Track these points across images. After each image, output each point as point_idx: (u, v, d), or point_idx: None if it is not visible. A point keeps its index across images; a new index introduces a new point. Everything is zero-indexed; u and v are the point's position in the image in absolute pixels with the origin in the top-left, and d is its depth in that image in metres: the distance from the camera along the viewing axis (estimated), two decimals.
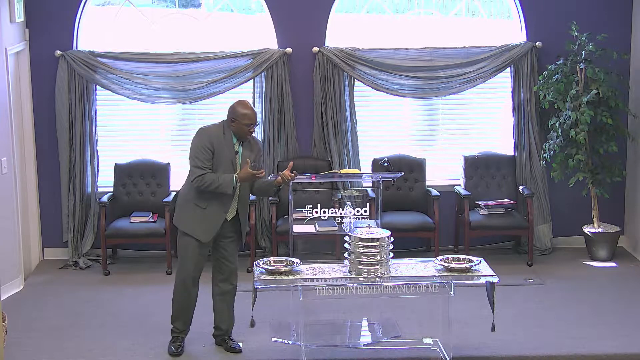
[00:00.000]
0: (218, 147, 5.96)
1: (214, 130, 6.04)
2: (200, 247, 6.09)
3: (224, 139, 5.99)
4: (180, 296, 6.20)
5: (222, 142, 5.98)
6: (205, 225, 6.03)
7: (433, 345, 6.22)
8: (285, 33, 8.23)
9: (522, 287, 7.56)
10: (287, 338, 6.33)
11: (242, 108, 6.00)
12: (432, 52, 8.31)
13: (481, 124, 8.64)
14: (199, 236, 6.04)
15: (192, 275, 6.14)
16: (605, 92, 7.87)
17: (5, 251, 7.39)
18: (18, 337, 6.48)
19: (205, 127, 6.09)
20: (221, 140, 5.98)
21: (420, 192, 8.34)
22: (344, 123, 8.27)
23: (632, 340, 6.39)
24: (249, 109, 6.00)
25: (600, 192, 8.12)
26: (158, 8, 8.66)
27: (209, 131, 6.03)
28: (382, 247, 5.80)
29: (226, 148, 5.98)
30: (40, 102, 8.18)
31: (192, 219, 6.07)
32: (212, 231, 6.04)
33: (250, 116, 5.97)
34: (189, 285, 6.15)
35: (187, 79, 8.20)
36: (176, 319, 6.25)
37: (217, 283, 6.25)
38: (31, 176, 8.21)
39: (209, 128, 6.06)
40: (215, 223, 6.03)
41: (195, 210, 6.04)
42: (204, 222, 6.03)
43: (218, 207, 6.00)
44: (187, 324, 6.29)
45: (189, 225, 6.09)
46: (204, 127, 6.08)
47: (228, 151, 5.98)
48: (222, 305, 6.26)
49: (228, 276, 6.22)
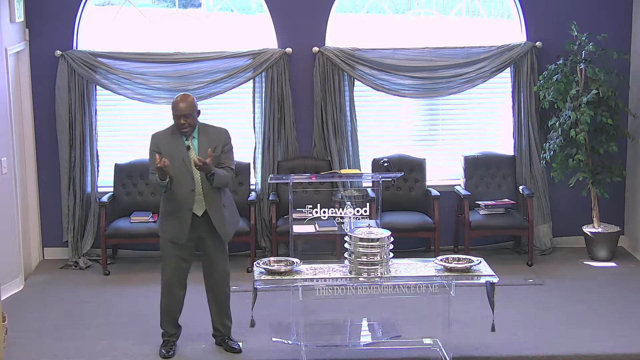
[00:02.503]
0: (165, 148, 5.92)
1: (161, 133, 6.04)
2: (178, 249, 6.05)
3: (172, 138, 5.95)
4: (164, 299, 6.20)
5: (169, 142, 5.94)
6: (176, 225, 6.00)
7: (433, 345, 6.22)
8: (285, 33, 8.23)
9: (522, 287, 7.55)
10: (287, 338, 6.33)
11: (175, 100, 5.91)
12: (432, 52, 8.31)
13: (481, 124, 8.64)
14: (173, 237, 6.03)
15: (175, 278, 6.12)
16: (605, 92, 7.87)
17: (5, 251, 7.39)
18: (18, 337, 6.48)
19: (155, 132, 6.08)
20: (169, 140, 5.95)
21: (420, 192, 8.34)
22: (344, 123, 8.28)
23: (632, 340, 6.39)
24: (180, 101, 5.87)
25: (600, 192, 8.12)
26: (158, 8, 8.66)
27: (156, 135, 6.04)
28: (382, 247, 5.80)
29: (174, 146, 5.93)
30: (40, 102, 8.18)
31: (164, 221, 6.08)
32: (183, 230, 5.98)
33: (176, 107, 5.85)
34: (172, 288, 6.14)
35: (187, 79, 8.20)
36: (164, 322, 6.25)
37: (207, 286, 6.23)
38: (31, 176, 8.21)
39: (158, 132, 6.07)
40: (184, 221, 5.97)
41: (165, 213, 6.07)
42: (174, 222, 6.01)
43: (182, 204, 5.95)
44: (176, 327, 6.28)
45: (162, 227, 6.11)
46: (154, 133, 6.07)
47: (177, 148, 5.92)
48: (215, 307, 6.25)
49: (217, 279, 6.18)
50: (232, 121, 8.35)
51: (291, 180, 6.60)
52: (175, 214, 5.99)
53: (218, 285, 6.19)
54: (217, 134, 6.06)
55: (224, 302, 6.24)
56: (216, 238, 6.08)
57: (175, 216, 5.99)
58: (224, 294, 6.23)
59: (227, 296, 6.25)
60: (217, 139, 6.03)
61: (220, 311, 6.24)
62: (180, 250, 6.07)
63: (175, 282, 6.13)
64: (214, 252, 6.11)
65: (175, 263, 6.10)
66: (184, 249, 6.08)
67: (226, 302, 6.25)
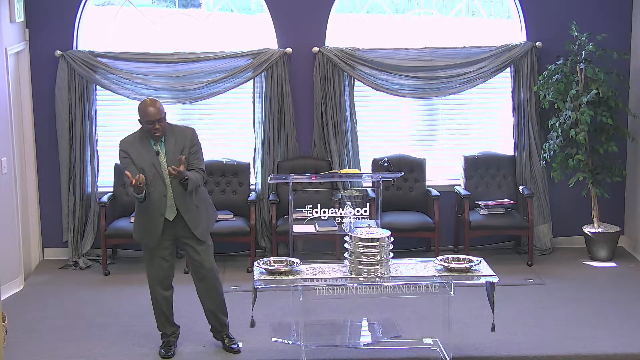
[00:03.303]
0: (134, 153, 5.89)
1: (129, 138, 6.00)
2: (154, 252, 6.04)
3: (141, 143, 5.91)
4: (154, 303, 6.20)
5: (137, 147, 5.91)
6: (148, 230, 5.97)
7: (433, 345, 6.22)
8: (285, 33, 8.23)
9: (522, 287, 7.55)
10: (287, 338, 6.33)
11: (142, 106, 5.86)
12: (432, 52, 8.31)
13: (481, 124, 8.64)
14: (146, 242, 6.03)
15: (157, 279, 6.11)
16: (605, 92, 7.87)
17: (5, 251, 7.39)
18: (18, 337, 6.48)
19: (123, 138, 6.03)
20: (137, 145, 5.91)
21: (420, 192, 8.33)
22: (344, 123, 8.27)
23: (632, 340, 6.39)
24: (149, 106, 5.82)
25: (600, 192, 8.12)
26: (158, 8, 8.66)
27: (124, 141, 6.00)
28: (382, 247, 5.80)
29: (143, 151, 5.89)
30: (40, 102, 8.18)
31: (138, 226, 6.08)
32: (155, 234, 5.95)
33: (148, 113, 5.81)
34: (157, 291, 6.14)
35: (187, 79, 8.20)
36: (159, 324, 6.26)
37: (196, 283, 6.21)
38: (31, 176, 8.21)
39: (125, 138, 6.02)
40: (156, 226, 5.94)
41: (139, 217, 6.06)
42: (146, 227, 5.99)
43: (153, 210, 5.92)
44: (173, 326, 6.28)
45: (137, 233, 6.12)
46: (121, 139, 6.03)
47: (146, 154, 5.89)
48: (207, 303, 6.21)
49: (204, 275, 6.13)
50: (232, 121, 8.37)
51: (291, 180, 6.60)
52: (148, 219, 5.96)
53: (206, 280, 6.14)
54: (183, 135, 5.99)
55: (216, 296, 6.18)
56: (193, 236, 6.04)
57: (148, 221, 5.97)
58: (214, 288, 6.17)
59: (217, 290, 6.18)
60: (184, 140, 5.96)
61: (212, 306, 6.20)
62: (159, 253, 6.05)
63: (159, 283, 6.12)
64: (195, 249, 6.07)
65: (156, 265, 6.09)
66: (162, 251, 6.05)
67: (218, 297, 6.19)
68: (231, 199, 8.22)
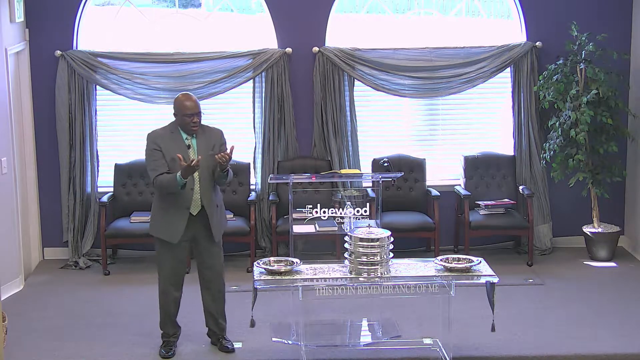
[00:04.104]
0: (165, 146, 5.93)
1: (159, 131, 6.05)
2: (173, 250, 6.04)
3: (171, 136, 5.96)
4: (162, 301, 6.20)
5: (169, 140, 5.95)
6: (171, 225, 5.99)
7: (433, 345, 6.22)
8: (285, 33, 8.23)
9: (522, 287, 7.55)
10: (287, 338, 6.33)
11: (181, 100, 5.95)
12: (432, 52, 8.31)
13: (481, 124, 8.64)
14: (167, 237, 6.02)
15: (170, 280, 6.12)
16: (605, 92, 7.87)
17: (5, 251, 7.39)
18: (18, 337, 6.48)
19: (151, 131, 6.08)
20: (167, 138, 5.95)
21: (420, 192, 8.34)
22: (344, 123, 8.28)
23: (632, 340, 6.39)
24: (188, 100, 5.93)
25: (600, 192, 8.12)
26: (158, 8, 8.66)
27: (154, 133, 6.03)
28: (382, 247, 5.80)
29: (175, 145, 5.93)
30: (40, 102, 8.18)
31: (159, 221, 6.06)
32: (179, 230, 5.98)
33: (188, 106, 5.91)
34: (168, 290, 6.15)
35: (187, 79, 8.20)
36: (163, 323, 6.26)
37: (202, 285, 6.23)
38: (31, 176, 8.21)
39: (154, 131, 6.07)
40: (180, 221, 5.97)
41: (160, 213, 6.04)
42: (169, 223, 5.99)
43: (180, 204, 5.95)
44: (175, 327, 6.29)
45: (156, 228, 6.08)
46: (150, 132, 6.07)
47: (177, 147, 5.92)
48: (210, 307, 6.24)
49: (210, 281, 6.17)
50: (232, 121, 8.36)
51: (291, 180, 6.60)
52: (172, 213, 5.97)
53: (213, 283, 6.18)
54: (214, 134, 6.09)
55: (219, 301, 6.23)
56: (210, 239, 6.07)
57: (171, 215, 5.98)
58: (219, 293, 6.22)
59: (222, 295, 6.24)
60: (215, 139, 6.05)
61: (215, 311, 6.23)
62: (175, 251, 6.06)
63: (171, 284, 6.13)
64: (208, 251, 6.11)
65: (172, 266, 6.10)
66: (179, 250, 6.07)
67: (221, 302, 6.24)
68: (231, 199, 8.22)
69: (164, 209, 6.01)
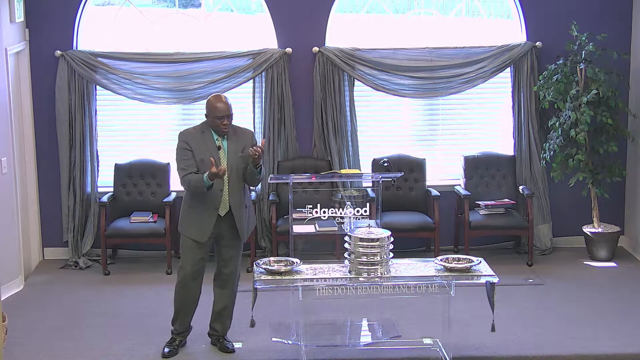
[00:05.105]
0: (196, 146, 5.97)
1: (190, 130, 6.09)
2: (198, 248, 6.08)
3: (202, 137, 6.00)
4: (178, 296, 6.21)
5: (200, 140, 5.98)
6: (199, 224, 6.03)
7: (433, 345, 6.22)
8: (285, 33, 8.23)
9: (522, 287, 7.55)
10: (287, 338, 6.33)
11: (212, 102, 6.00)
12: (432, 52, 8.31)
13: (481, 124, 8.64)
14: (194, 236, 6.05)
15: (191, 276, 6.13)
16: (605, 92, 7.87)
17: (5, 251, 7.39)
18: (18, 337, 6.48)
19: (183, 130, 6.13)
20: (199, 139, 5.99)
21: (420, 192, 8.33)
22: (344, 123, 8.28)
23: (632, 340, 6.39)
24: (219, 102, 5.98)
25: (600, 192, 8.12)
26: (158, 8, 8.66)
27: (185, 132, 6.08)
28: (382, 247, 5.80)
29: (205, 145, 5.97)
30: (40, 102, 8.18)
31: (187, 219, 6.10)
32: (206, 230, 6.02)
33: (220, 109, 5.95)
34: (187, 285, 6.15)
35: (187, 79, 8.20)
36: (175, 319, 6.27)
37: (216, 284, 6.27)
38: (31, 176, 8.21)
39: (186, 130, 6.12)
40: (208, 221, 6.01)
41: (189, 211, 6.08)
42: (197, 222, 6.03)
43: (208, 204, 5.99)
44: (186, 326, 6.29)
45: (184, 226, 6.12)
46: (181, 131, 6.12)
47: (207, 148, 5.96)
48: (219, 307, 6.26)
49: (225, 280, 6.21)
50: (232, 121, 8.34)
51: (291, 180, 6.60)
52: (200, 213, 6.01)
53: (228, 283, 6.22)
54: (244, 135, 6.14)
55: (230, 301, 6.27)
56: (234, 237, 6.12)
57: (200, 216, 6.02)
58: (233, 293, 6.27)
59: (234, 296, 6.28)
60: (245, 140, 6.10)
61: (224, 310, 6.26)
62: (200, 250, 6.09)
63: (192, 280, 6.15)
64: (230, 251, 6.15)
65: (194, 262, 6.11)
66: (204, 248, 6.11)
67: (232, 302, 6.28)
68: None
69: (192, 207, 6.05)
